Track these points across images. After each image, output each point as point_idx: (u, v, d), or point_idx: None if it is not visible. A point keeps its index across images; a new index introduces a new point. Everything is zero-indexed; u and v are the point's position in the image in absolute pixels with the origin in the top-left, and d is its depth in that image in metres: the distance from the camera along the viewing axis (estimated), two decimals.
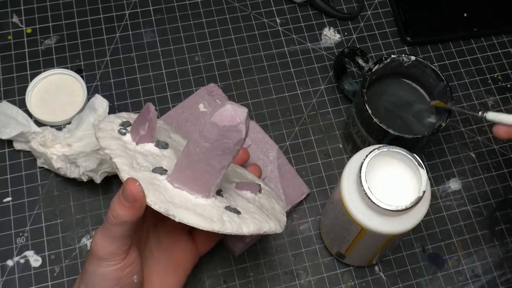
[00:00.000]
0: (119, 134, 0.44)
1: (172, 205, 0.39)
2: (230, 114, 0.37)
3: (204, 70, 0.64)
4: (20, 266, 0.53)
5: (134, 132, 0.44)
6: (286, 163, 0.59)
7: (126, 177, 0.39)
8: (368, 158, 0.45)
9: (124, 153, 0.41)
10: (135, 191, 0.38)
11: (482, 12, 0.69)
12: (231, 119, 0.37)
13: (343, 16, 0.68)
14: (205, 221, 0.40)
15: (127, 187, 0.38)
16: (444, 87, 0.53)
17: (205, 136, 0.39)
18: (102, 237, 0.40)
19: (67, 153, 0.54)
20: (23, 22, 0.65)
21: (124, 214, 0.39)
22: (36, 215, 0.55)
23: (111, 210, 0.39)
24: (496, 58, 0.67)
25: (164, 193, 0.40)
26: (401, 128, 0.54)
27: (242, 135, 0.38)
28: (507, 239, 0.58)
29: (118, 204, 0.39)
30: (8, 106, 0.57)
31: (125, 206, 0.39)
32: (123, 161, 0.40)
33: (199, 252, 0.50)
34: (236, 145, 0.39)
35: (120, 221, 0.39)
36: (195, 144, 0.39)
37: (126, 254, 0.41)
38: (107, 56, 0.64)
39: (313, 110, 0.63)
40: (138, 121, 0.43)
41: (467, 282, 0.56)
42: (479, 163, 0.61)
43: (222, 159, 0.40)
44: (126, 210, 0.39)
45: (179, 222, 0.40)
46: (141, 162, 0.42)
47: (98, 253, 0.40)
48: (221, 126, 0.38)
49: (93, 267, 0.41)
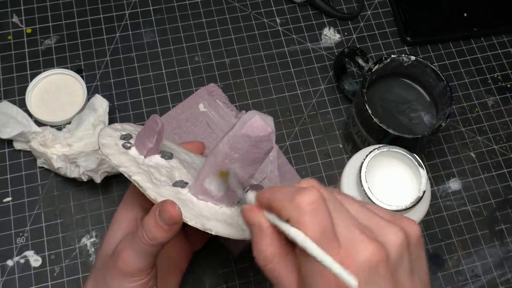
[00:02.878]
0: (124, 149, 0.43)
1: (205, 219, 0.39)
2: (262, 125, 0.37)
3: (204, 70, 0.64)
4: (20, 266, 0.53)
5: (141, 145, 0.43)
6: (286, 163, 0.59)
7: (154, 195, 0.39)
8: (368, 158, 0.45)
9: (140, 169, 0.41)
10: (176, 214, 0.38)
11: (482, 12, 0.69)
12: (263, 129, 0.37)
13: (343, 16, 0.68)
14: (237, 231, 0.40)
15: (167, 210, 0.38)
16: (444, 87, 0.53)
17: (235, 148, 0.38)
18: (133, 255, 0.40)
19: (67, 153, 0.54)
20: (23, 22, 0.65)
21: (162, 236, 0.39)
22: (36, 215, 0.55)
23: (147, 232, 0.39)
24: (496, 58, 0.67)
25: (193, 207, 0.40)
26: (401, 128, 0.54)
27: (273, 144, 0.38)
28: (507, 239, 0.58)
29: (156, 226, 0.38)
30: (8, 106, 0.57)
31: (164, 228, 0.38)
32: (144, 178, 0.40)
33: (193, 249, 0.51)
34: (266, 154, 0.39)
35: (158, 242, 0.39)
36: (224, 157, 0.39)
37: (152, 268, 0.41)
38: (107, 56, 0.64)
39: (313, 110, 0.63)
40: (144, 134, 0.42)
41: (467, 282, 0.56)
42: (479, 163, 0.61)
43: (250, 169, 0.40)
44: (165, 232, 0.38)
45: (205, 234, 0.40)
46: (158, 176, 0.41)
47: (127, 269, 0.40)
48: (253, 137, 0.37)
49: (118, 282, 0.40)
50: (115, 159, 0.41)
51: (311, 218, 0.30)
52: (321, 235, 0.29)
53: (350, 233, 0.30)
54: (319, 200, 0.30)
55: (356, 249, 0.29)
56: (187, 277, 0.53)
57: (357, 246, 0.29)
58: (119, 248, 0.41)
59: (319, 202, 0.30)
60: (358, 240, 0.30)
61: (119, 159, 0.41)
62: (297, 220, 0.30)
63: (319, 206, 0.30)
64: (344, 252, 0.29)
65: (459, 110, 0.64)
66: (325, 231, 0.29)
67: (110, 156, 0.41)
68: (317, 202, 0.30)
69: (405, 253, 0.31)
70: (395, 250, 0.30)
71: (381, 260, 0.29)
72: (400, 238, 0.31)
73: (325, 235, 0.29)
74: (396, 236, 0.31)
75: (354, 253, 0.29)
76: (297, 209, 0.30)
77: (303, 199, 0.30)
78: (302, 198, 0.30)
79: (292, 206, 0.30)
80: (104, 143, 0.42)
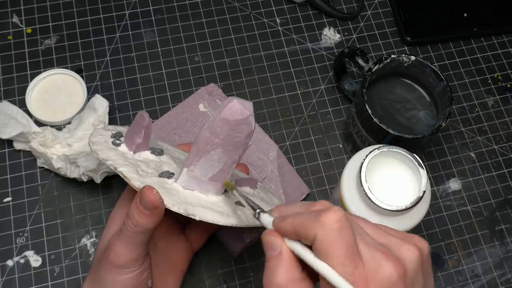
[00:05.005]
0: (114, 146, 0.43)
1: (189, 205, 0.40)
2: (240, 108, 0.38)
3: (204, 70, 0.64)
4: (20, 266, 0.53)
5: (130, 142, 0.43)
6: (286, 163, 0.59)
7: (138, 184, 0.39)
8: (368, 158, 0.45)
9: (127, 162, 0.41)
10: (154, 198, 0.38)
11: (482, 12, 0.69)
12: (241, 112, 0.38)
13: (343, 16, 0.68)
14: (223, 217, 0.40)
15: (145, 195, 0.38)
16: (444, 87, 0.53)
17: (215, 133, 0.39)
18: (122, 246, 0.40)
19: (67, 153, 0.54)
20: (23, 22, 0.65)
21: (145, 222, 0.39)
22: (36, 215, 0.55)
23: (131, 219, 0.39)
24: (496, 58, 0.67)
25: (178, 195, 0.40)
26: (401, 128, 0.54)
27: (252, 127, 0.39)
28: (507, 239, 0.58)
29: (138, 212, 0.39)
30: (8, 106, 0.57)
31: (145, 214, 0.39)
32: (129, 169, 0.40)
33: (193, 249, 0.51)
34: (246, 138, 0.40)
35: (142, 229, 0.39)
36: (205, 142, 0.40)
37: (144, 259, 0.41)
38: (107, 56, 0.64)
39: (313, 110, 0.63)
40: (133, 130, 0.43)
41: (467, 282, 0.56)
42: (479, 163, 0.61)
43: (233, 154, 0.40)
44: (147, 218, 0.39)
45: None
46: (145, 169, 0.42)
47: (118, 261, 0.40)
48: (231, 120, 0.38)
49: (112, 275, 0.41)
50: (103, 153, 0.41)
51: (339, 235, 0.30)
52: (347, 253, 0.30)
53: (370, 251, 0.31)
54: (343, 218, 0.31)
55: (377, 267, 0.30)
56: (187, 277, 0.53)
57: (378, 263, 0.30)
58: (110, 241, 0.41)
59: (344, 221, 0.31)
60: (378, 258, 0.31)
61: (107, 154, 0.42)
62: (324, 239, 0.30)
63: (344, 224, 0.31)
64: (368, 270, 0.30)
65: (459, 110, 0.64)
66: (350, 249, 0.30)
67: (98, 151, 0.42)
68: (343, 220, 0.31)
69: (420, 269, 0.32)
70: (411, 266, 0.31)
71: (400, 276, 0.30)
72: (415, 255, 0.32)
73: (351, 253, 0.30)
74: (412, 253, 0.32)
75: (376, 271, 0.30)
76: (324, 228, 0.31)
77: (330, 217, 0.31)
78: (329, 217, 0.31)
79: (318, 225, 0.31)
80: (94, 141, 0.43)
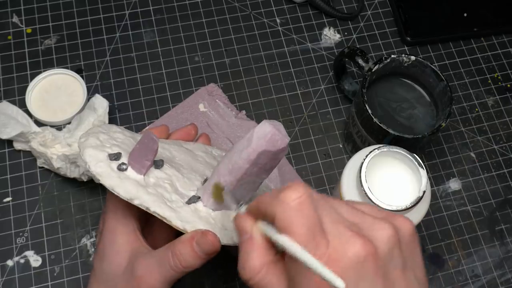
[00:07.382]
0: (120, 172, 0.41)
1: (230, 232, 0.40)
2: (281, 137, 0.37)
3: (204, 70, 0.64)
4: (20, 266, 0.53)
5: (138, 165, 0.41)
6: (286, 163, 0.59)
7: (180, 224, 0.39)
8: (368, 158, 0.45)
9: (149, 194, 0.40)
10: (218, 245, 0.38)
11: (482, 12, 0.69)
12: (282, 142, 0.37)
13: (343, 16, 0.68)
14: None
15: (209, 241, 0.38)
16: (444, 87, 0.53)
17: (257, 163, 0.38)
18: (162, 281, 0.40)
19: (67, 153, 0.54)
20: (23, 22, 0.65)
21: (199, 264, 0.39)
22: (36, 215, 0.55)
23: (181, 261, 0.39)
24: (496, 58, 0.67)
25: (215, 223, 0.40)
26: (401, 128, 0.54)
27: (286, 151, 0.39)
28: (507, 239, 0.58)
29: (193, 256, 0.38)
30: (8, 106, 0.57)
31: (201, 257, 0.39)
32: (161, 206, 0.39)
33: None
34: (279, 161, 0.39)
35: (191, 269, 0.39)
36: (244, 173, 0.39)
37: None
38: (107, 56, 0.64)
39: (313, 110, 0.63)
40: (139, 152, 0.41)
41: (467, 282, 0.56)
42: (479, 163, 0.61)
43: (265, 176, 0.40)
44: (202, 260, 0.39)
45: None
46: (167, 195, 0.41)
47: None
48: (274, 151, 0.37)
49: None
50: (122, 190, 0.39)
51: (297, 212, 0.29)
52: (308, 231, 0.29)
53: (337, 229, 0.30)
54: (303, 195, 0.30)
55: (343, 245, 0.29)
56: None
57: (344, 242, 0.29)
58: (142, 273, 0.40)
59: (304, 198, 0.30)
60: (345, 236, 0.29)
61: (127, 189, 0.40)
62: (282, 217, 0.30)
63: (304, 201, 0.30)
64: (332, 249, 0.29)
65: (459, 110, 0.64)
66: (312, 226, 0.29)
67: (117, 188, 0.39)
68: (302, 197, 0.30)
69: (395, 248, 0.30)
70: (383, 244, 0.30)
71: (368, 254, 0.29)
72: (388, 233, 0.30)
73: (312, 230, 0.29)
74: (384, 231, 0.30)
75: (342, 249, 0.29)
76: (281, 205, 0.30)
77: (288, 194, 0.30)
78: (286, 194, 0.30)
79: (276, 202, 0.30)
80: (100, 172, 0.40)
